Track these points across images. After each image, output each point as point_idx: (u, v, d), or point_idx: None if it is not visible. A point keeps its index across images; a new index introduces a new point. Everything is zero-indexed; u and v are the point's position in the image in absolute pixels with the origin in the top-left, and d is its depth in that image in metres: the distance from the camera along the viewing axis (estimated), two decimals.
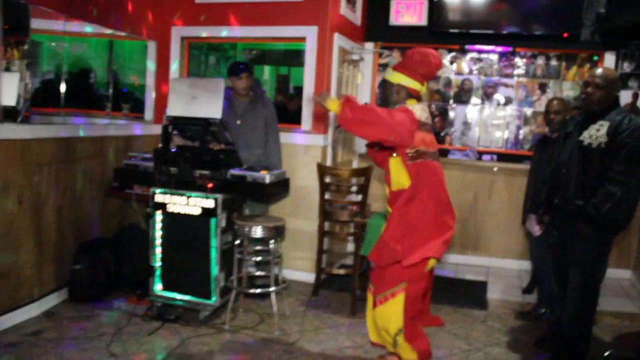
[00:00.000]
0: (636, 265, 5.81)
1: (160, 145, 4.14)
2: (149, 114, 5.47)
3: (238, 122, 4.70)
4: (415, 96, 3.25)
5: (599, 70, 3.44)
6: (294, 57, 7.07)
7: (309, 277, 5.06)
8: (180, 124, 4.06)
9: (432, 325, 4.37)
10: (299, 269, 5.19)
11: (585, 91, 3.45)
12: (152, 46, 5.44)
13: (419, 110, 3.15)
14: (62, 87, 4.63)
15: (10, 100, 4.13)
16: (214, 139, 4.13)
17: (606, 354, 3.92)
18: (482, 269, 6.04)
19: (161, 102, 5.40)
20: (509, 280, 5.72)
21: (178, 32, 5.45)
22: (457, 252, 6.18)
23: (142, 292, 4.41)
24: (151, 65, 5.45)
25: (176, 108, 4.01)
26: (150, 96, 5.43)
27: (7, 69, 4.58)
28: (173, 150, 4.07)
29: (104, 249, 4.58)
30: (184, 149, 4.12)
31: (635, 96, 5.98)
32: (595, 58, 6.11)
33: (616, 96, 3.44)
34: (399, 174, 3.22)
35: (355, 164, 6.27)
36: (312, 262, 5.05)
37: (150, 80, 5.44)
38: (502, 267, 6.06)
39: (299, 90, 6.55)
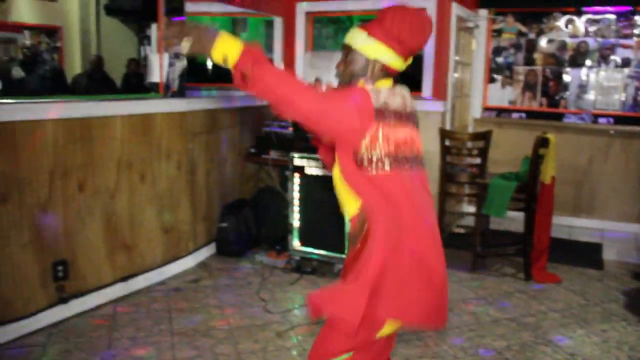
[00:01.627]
0: None
1: None
2: None
3: None
4: (393, 76, 2.08)
5: None
6: None
7: None
8: None
9: (550, 282, 4.61)
10: None
11: None
12: (278, 22, 5.87)
13: (385, 94, 1.96)
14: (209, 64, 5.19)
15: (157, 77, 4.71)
16: None
17: None
18: (596, 231, 6.12)
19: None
20: (625, 243, 5.79)
21: (302, 8, 5.84)
22: (570, 214, 6.28)
23: (281, 248, 4.92)
24: (278, 40, 5.89)
25: (310, 80, 4.41)
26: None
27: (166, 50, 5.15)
28: None
29: (245, 209, 5.12)
30: None
31: None
32: None
33: None
34: (343, 192, 2.02)
35: (470, 129, 6.48)
36: None
37: (277, 54, 5.89)
38: (617, 230, 6.11)
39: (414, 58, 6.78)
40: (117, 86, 7.85)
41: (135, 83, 7.34)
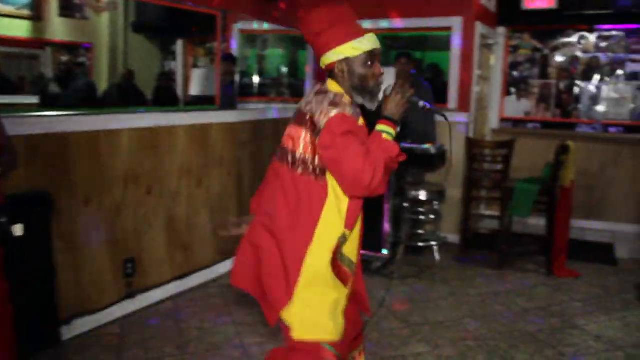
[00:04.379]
0: None
1: None
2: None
3: None
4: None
5: None
6: (424, 42, 7.73)
7: (454, 237, 5.78)
8: None
9: (570, 277, 5.00)
10: (445, 231, 5.87)
11: None
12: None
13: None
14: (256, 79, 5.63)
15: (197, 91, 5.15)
16: None
17: None
18: (607, 233, 6.48)
19: None
20: (636, 243, 6.16)
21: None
22: (583, 217, 6.60)
23: None
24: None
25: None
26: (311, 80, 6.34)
27: (195, 65, 5.59)
28: None
29: None
30: None
31: None
32: None
33: None
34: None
35: (488, 139, 6.88)
36: (456, 224, 5.78)
37: (310, 69, 6.33)
38: (627, 232, 6.45)
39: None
40: (147, 98, 8.23)
41: (166, 96, 7.73)
